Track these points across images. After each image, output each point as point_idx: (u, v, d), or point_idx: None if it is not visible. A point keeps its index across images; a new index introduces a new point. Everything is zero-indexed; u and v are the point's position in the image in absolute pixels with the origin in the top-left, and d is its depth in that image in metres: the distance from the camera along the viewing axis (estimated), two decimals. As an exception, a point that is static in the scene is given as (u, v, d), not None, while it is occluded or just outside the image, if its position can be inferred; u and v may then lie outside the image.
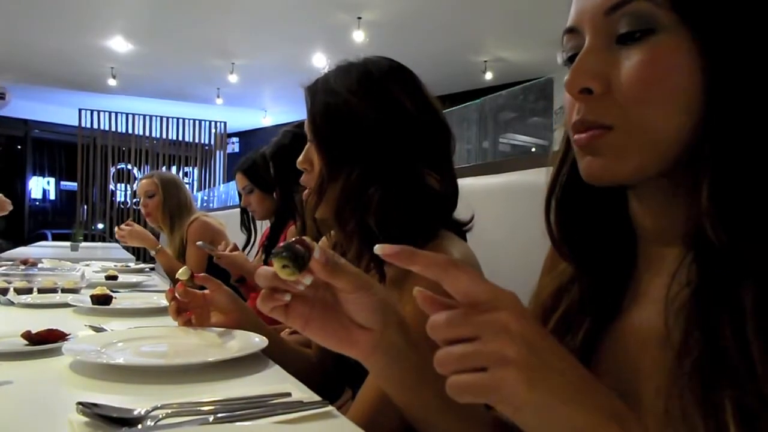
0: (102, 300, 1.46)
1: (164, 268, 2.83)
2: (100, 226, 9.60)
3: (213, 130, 10.51)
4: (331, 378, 1.11)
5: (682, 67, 0.45)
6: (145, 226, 3.01)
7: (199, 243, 2.31)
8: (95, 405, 0.64)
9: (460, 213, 1.00)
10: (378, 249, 0.43)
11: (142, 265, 3.19)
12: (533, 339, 0.39)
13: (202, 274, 1.13)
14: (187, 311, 1.13)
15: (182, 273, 1.16)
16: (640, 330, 0.52)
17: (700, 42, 0.45)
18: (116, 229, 2.96)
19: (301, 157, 1.01)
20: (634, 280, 0.55)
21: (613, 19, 0.47)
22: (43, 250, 4.46)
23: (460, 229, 0.98)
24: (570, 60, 0.53)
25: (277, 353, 0.99)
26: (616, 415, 0.40)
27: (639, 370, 0.50)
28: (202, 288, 1.13)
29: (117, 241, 3.19)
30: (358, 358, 0.56)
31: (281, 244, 0.49)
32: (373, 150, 0.94)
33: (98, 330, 1.16)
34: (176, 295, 1.11)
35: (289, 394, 0.73)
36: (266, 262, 2.05)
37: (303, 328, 0.54)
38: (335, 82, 0.98)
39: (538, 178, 1.11)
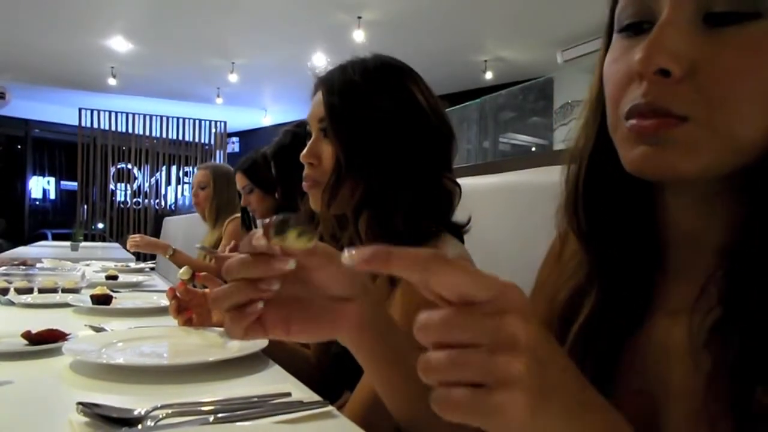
0: (102, 300, 1.46)
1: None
2: (100, 225, 9.59)
3: (213, 130, 10.50)
4: (330, 379, 1.11)
5: None
6: (149, 228, 3.00)
7: (198, 245, 2.31)
8: (95, 405, 0.64)
9: (457, 215, 1.00)
10: (346, 259, 0.34)
11: (143, 265, 3.19)
12: (543, 355, 0.33)
13: (203, 274, 1.14)
14: (188, 310, 1.13)
15: (183, 273, 1.16)
16: (666, 344, 0.47)
17: None
18: (129, 237, 2.95)
19: (306, 151, 0.99)
20: (659, 286, 0.50)
21: None
22: (43, 249, 4.46)
23: (458, 232, 0.98)
24: (628, 30, 0.45)
25: (276, 353, 0.99)
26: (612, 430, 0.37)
27: (666, 390, 0.46)
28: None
29: (117, 241, 3.19)
30: (350, 337, 0.53)
31: (273, 219, 0.43)
32: (392, 145, 0.93)
33: (98, 330, 1.16)
34: (177, 293, 1.12)
35: (289, 394, 0.73)
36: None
37: (287, 332, 0.49)
38: (353, 73, 0.97)
39: (538, 178, 1.11)
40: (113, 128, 9.71)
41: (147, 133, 9.98)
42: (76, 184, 9.64)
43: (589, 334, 0.51)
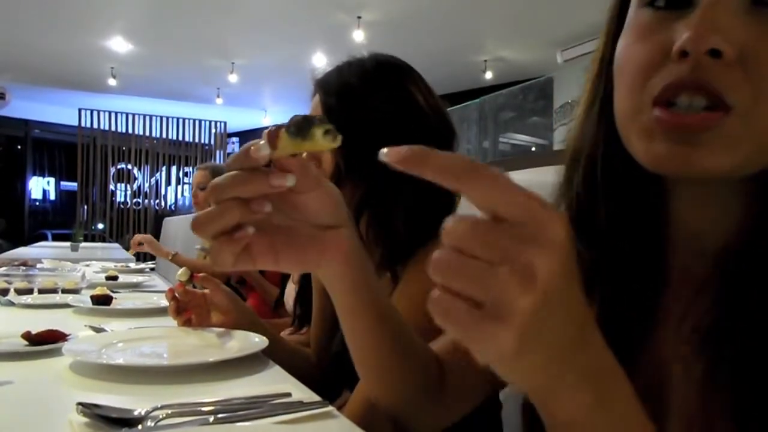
0: (102, 300, 1.46)
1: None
2: (100, 226, 9.60)
3: (213, 130, 10.51)
4: (330, 378, 1.11)
5: None
6: (149, 229, 3.00)
7: (198, 246, 2.32)
8: (95, 405, 0.64)
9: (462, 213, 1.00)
10: (383, 155, 0.33)
11: (143, 266, 3.19)
12: (556, 301, 0.29)
13: (202, 274, 1.14)
14: (187, 311, 1.13)
15: (182, 274, 1.17)
16: (663, 351, 0.46)
17: None
18: (133, 238, 2.94)
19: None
20: (661, 297, 0.48)
21: None
22: (43, 250, 4.46)
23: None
24: (667, 5, 0.41)
25: (275, 353, 0.99)
26: (596, 376, 0.33)
27: (665, 399, 0.45)
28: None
29: (117, 242, 3.19)
30: (335, 267, 0.50)
31: (290, 119, 0.40)
32: (392, 145, 0.93)
33: (98, 330, 1.16)
34: (176, 295, 1.12)
35: (289, 394, 0.73)
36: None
37: (275, 261, 0.46)
38: (350, 73, 0.97)
39: (538, 178, 1.11)
40: (113, 128, 9.72)
41: (147, 134, 9.98)
42: (76, 184, 9.64)
43: None
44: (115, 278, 2.14)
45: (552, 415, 0.34)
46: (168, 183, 10.38)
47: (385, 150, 0.32)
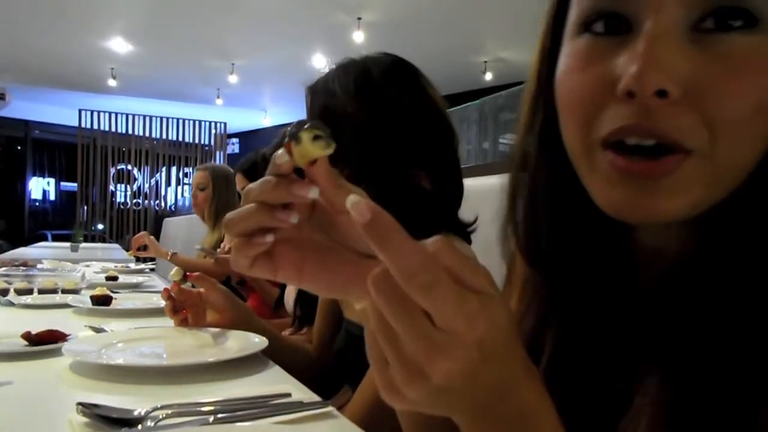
0: (102, 301, 1.46)
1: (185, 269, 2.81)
2: (100, 226, 9.60)
3: (213, 131, 10.51)
4: (331, 375, 1.11)
5: None
6: (149, 229, 3.00)
7: (198, 247, 2.32)
8: (95, 405, 0.64)
9: (462, 214, 1.00)
10: (351, 203, 0.32)
11: (142, 266, 3.19)
12: (451, 388, 0.32)
13: (196, 273, 1.14)
14: (183, 310, 1.14)
15: (175, 273, 1.17)
16: (629, 376, 0.44)
17: None
18: (133, 239, 2.93)
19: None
20: (618, 319, 0.46)
21: None
22: (43, 250, 4.46)
23: (464, 231, 0.98)
24: (606, 31, 0.39)
25: (275, 350, 0.99)
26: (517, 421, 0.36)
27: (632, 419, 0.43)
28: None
29: (117, 242, 3.19)
30: (368, 300, 0.47)
31: (292, 125, 0.39)
32: (363, 151, 0.94)
33: (98, 331, 1.16)
34: (171, 294, 1.12)
35: (289, 395, 0.73)
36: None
37: (298, 277, 0.42)
38: (333, 83, 0.98)
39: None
40: (113, 129, 9.72)
41: (147, 134, 9.99)
42: (76, 185, 9.65)
43: (553, 376, 0.46)
44: (115, 279, 2.14)
45: None
46: (168, 184, 10.38)
47: (352, 200, 0.32)
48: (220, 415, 0.65)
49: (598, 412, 0.45)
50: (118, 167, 9.85)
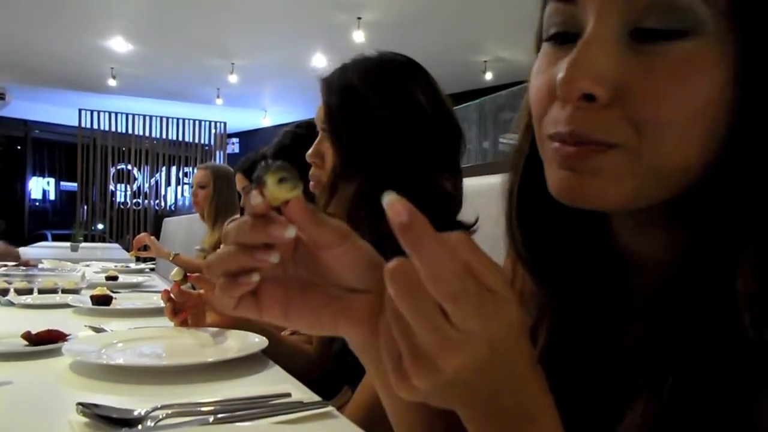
0: (102, 300, 1.46)
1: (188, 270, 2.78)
2: (100, 226, 9.60)
3: (213, 131, 10.51)
4: (331, 376, 1.11)
5: (717, 82, 0.36)
6: (149, 229, 2.99)
7: (197, 248, 2.32)
8: (95, 405, 0.64)
9: (462, 214, 1.00)
10: (387, 202, 0.33)
11: (143, 266, 3.19)
12: (465, 380, 0.34)
13: (195, 275, 1.14)
14: (183, 312, 1.14)
15: (175, 274, 1.17)
16: (620, 381, 0.45)
17: (746, 49, 0.36)
18: (137, 238, 2.93)
19: (311, 150, 1.00)
20: (612, 320, 0.47)
21: (635, 5, 0.36)
22: (43, 250, 4.46)
23: (466, 231, 0.98)
24: (554, 39, 0.42)
25: (275, 350, 0.99)
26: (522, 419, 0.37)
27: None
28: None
29: (117, 242, 3.19)
30: (356, 336, 0.45)
31: (258, 168, 0.38)
32: (388, 147, 0.93)
33: (98, 330, 1.16)
34: (171, 295, 1.12)
35: (289, 394, 0.73)
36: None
37: (284, 316, 0.42)
38: (352, 74, 0.98)
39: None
40: (113, 129, 9.72)
41: (147, 134, 9.99)
42: (75, 184, 9.64)
43: (547, 364, 0.46)
44: (115, 278, 2.14)
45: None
46: (168, 183, 10.38)
47: (391, 199, 0.33)
48: (220, 415, 0.65)
49: (588, 411, 0.45)
50: (118, 167, 9.85)
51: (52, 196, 12.40)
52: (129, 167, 9.91)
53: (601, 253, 0.47)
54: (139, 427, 0.62)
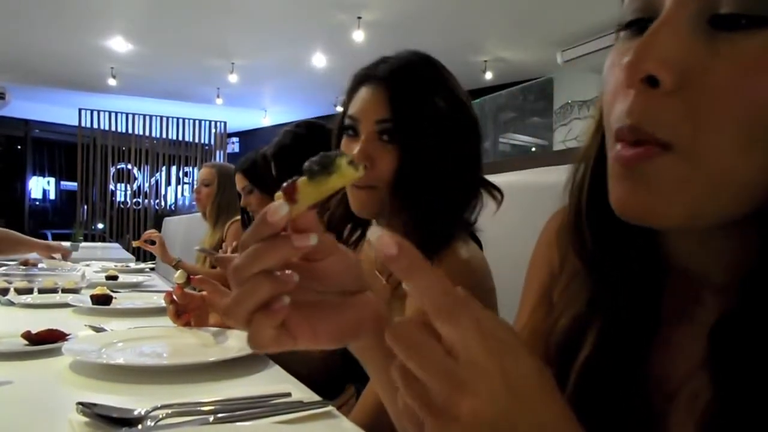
0: (102, 300, 1.46)
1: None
2: (100, 226, 9.59)
3: (213, 130, 10.50)
4: (335, 374, 1.11)
5: None
6: (149, 229, 2.97)
7: (197, 248, 2.31)
8: (95, 405, 0.64)
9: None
10: (375, 237, 0.33)
11: (143, 266, 3.19)
12: (487, 422, 0.31)
13: (198, 277, 1.14)
14: (186, 313, 1.14)
15: (179, 276, 1.17)
16: (664, 386, 0.43)
17: None
18: (146, 233, 2.90)
19: (359, 152, 0.92)
20: (663, 318, 0.45)
21: None
22: (43, 250, 4.45)
23: (468, 228, 0.99)
24: (630, 25, 0.38)
25: (278, 353, 0.99)
26: None
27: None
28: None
29: (117, 241, 3.17)
30: (373, 333, 0.46)
31: (306, 164, 0.38)
32: (453, 148, 0.92)
33: (98, 330, 1.16)
34: (174, 298, 1.12)
35: (289, 394, 0.73)
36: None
37: (314, 336, 0.42)
38: (414, 71, 0.94)
39: (538, 178, 1.11)
40: (113, 128, 9.72)
41: (147, 134, 9.98)
42: (76, 184, 9.64)
43: (591, 373, 0.45)
44: (115, 278, 2.14)
45: None
46: (168, 183, 10.37)
47: (377, 234, 0.33)
48: (220, 415, 0.65)
49: (631, 418, 0.44)
50: (118, 166, 9.84)
51: (52, 196, 12.39)
52: (129, 167, 9.90)
53: (654, 266, 0.45)
54: (139, 426, 0.62)
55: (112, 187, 9.75)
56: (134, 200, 9.95)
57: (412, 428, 0.34)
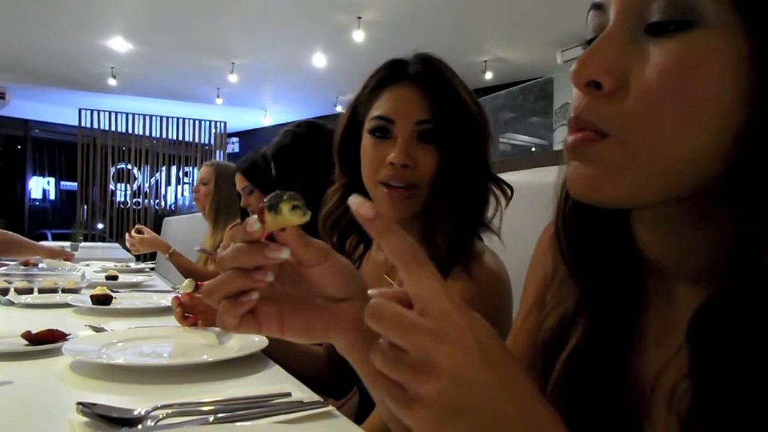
0: (102, 300, 1.46)
1: (180, 270, 2.68)
2: (100, 226, 9.60)
3: (213, 130, 10.50)
4: (342, 376, 1.11)
5: (722, 74, 0.36)
6: (149, 228, 2.96)
7: (197, 248, 2.31)
8: (95, 405, 0.64)
9: None
10: (355, 203, 0.38)
11: (143, 265, 3.19)
12: (464, 377, 0.35)
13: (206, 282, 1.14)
14: (193, 316, 1.14)
15: (187, 285, 1.17)
16: (640, 378, 0.46)
17: (755, 40, 0.36)
18: (127, 237, 2.89)
19: (401, 153, 0.90)
20: (642, 318, 0.48)
21: (645, 3, 0.38)
22: (43, 250, 4.45)
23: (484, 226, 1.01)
24: (590, 42, 0.43)
25: (285, 356, 1.00)
26: None
27: (642, 425, 0.45)
28: None
29: (117, 241, 3.16)
30: (343, 341, 0.50)
31: (267, 196, 0.43)
32: (479, 145, 0.95)
33: (98, 330, 1.16)
34: (182, 302, 1.13)
35: (289, 394, 0.73)
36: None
37: (280, 329, 0.47)
38: (443, 71, 0.96)
39: (539, 178, 1.11)
40: (113, 128, 9.72)
41: (147, 134, 9.98)
42: (76, 184, 9.64)
43: (574, 367, 0.49)
44: (115, 278, 2.14)
45: None
46: (168, 183, 10.38)
47: (357, 201, 0.38)
48: (220, 415, 0.65)
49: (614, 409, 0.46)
50: (118, 166, 9.84)
51: (52, 196, 12.39)
52: (129, 167, 9.90)
53: (632, 263, 0.48)
54: (139, 426, 0.62)
55: (112, 187, 9.75)
56: (134, 200, 9.95)
57: (391, 396, 0.37)
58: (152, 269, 3.04)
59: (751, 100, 0.36)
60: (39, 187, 12.22)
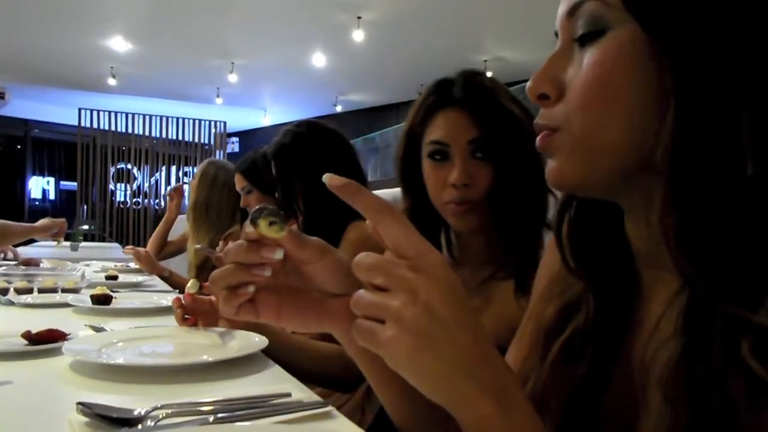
0: (102, 300, 1.46)
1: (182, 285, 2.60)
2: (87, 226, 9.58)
3: (213, 130, 10.50)
4: (353, 370, 1.11)
5: (631, 68, 0.42)
6: (149, 228, 2.94)
7: (197, 246, 2.31)
8: (95, 405, 0.64)
9: None
10: (327, 177, 0.44)
11: (142, 265, 3.18)
12: (437, 308, 0.40)
13: (208, 283, 1.14)
14: (193, 317, 1.14)
15: (191, 286, 1.17)
16: (637, 364, 0.48)
17: (655, 38, 0.41)
18: (130, 249, 2.75)
19: (461, 174, 0.98)
20: (635, 305, 0.52)
21: (573, 22, 0.46)
22: (43, 250, 4.46)
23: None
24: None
25: (300, 358, 1.01)
26: (497, 391, 0.41)
27: (638, 410, 0.47)
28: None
29: (116, 241, 3.13)
30: (339, 333, 0.53)
31: (254, 209, 0.49)
32: (532, 153, 0.98)
33: (98, 330, 1.16)
34: (183, 303, 1.13)
35: (289, 394, 0.73)
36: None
37: (277, 317, 0.51)
38: (484, 86, 1.01)
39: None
40: (113, 128, 9.71)
41: (147, 134, 9.98)
42: (75, 184, 9.64)
43: (570, 351, 0.53)
44: (115, 278, 2.14)
45: (460, 420, 0.42)
46: (168, 183, 10.37)
47: (329, 175, 0.44)
48: (220, 415, 0.65)
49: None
50: (118, 166, 9.84)
51: (52, 196, 12.40)
52: (129, 167, 9.90)
53: (623, 249, 0.52)
54: (139, 426, 0.62)
55: (111, 187, 9.75)
56: (134, 200, 9.95)
57: (366, 331, 0.42)
58: (152, 269, 3.03)
59: (664, 94, 0.41)
60: (39, 187, 12.22)
